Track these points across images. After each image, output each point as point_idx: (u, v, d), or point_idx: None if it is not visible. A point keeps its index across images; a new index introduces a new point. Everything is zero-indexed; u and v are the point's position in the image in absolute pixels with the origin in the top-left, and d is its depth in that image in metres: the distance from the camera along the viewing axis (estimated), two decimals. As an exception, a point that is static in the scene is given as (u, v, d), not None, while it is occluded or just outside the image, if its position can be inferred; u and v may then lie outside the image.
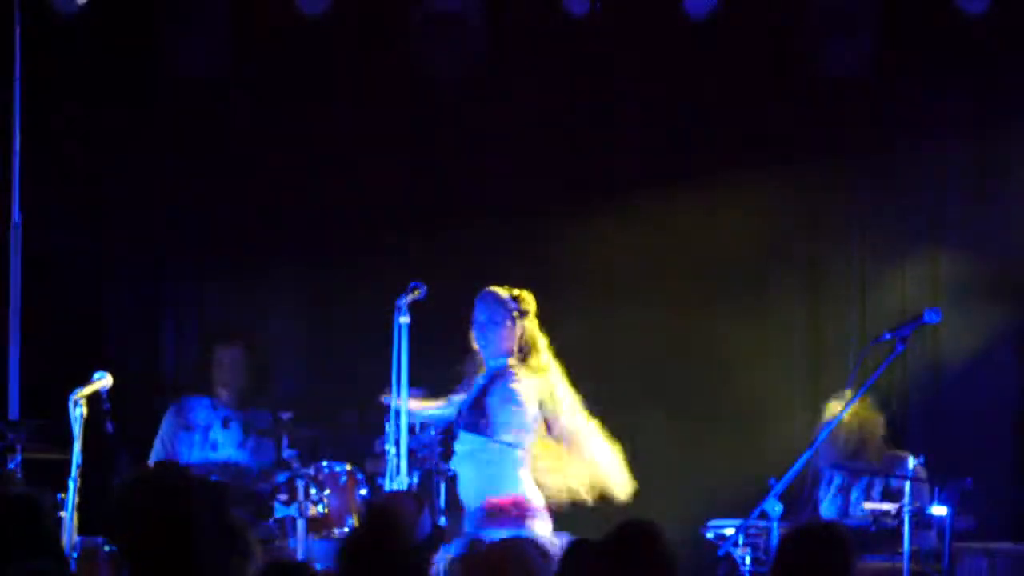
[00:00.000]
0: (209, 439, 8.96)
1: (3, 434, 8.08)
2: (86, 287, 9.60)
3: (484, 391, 7.81)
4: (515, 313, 7.82)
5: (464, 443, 7.81)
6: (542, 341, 7.88)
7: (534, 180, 9.56)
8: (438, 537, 5.33)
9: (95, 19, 9.30)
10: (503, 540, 4.80)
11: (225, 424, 8.99)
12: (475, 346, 7.91)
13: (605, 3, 9.25)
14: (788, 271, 9.61)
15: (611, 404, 8.12)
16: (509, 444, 7.71)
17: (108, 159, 9.54)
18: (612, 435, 9.07)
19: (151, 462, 8.86)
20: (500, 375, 7.81)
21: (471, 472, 7.76)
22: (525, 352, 7.84)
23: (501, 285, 7.94)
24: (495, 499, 7.61)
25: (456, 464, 7.82)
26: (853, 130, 9.56)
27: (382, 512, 4.47)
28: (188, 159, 9.63)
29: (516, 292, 7.87)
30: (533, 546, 4.52)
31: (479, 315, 7.86)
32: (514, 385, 7.76)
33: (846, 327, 9.54)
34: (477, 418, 7.77)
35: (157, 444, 9.00)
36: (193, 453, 8.92)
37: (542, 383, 7.81)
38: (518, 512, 7.60)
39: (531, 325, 7.86)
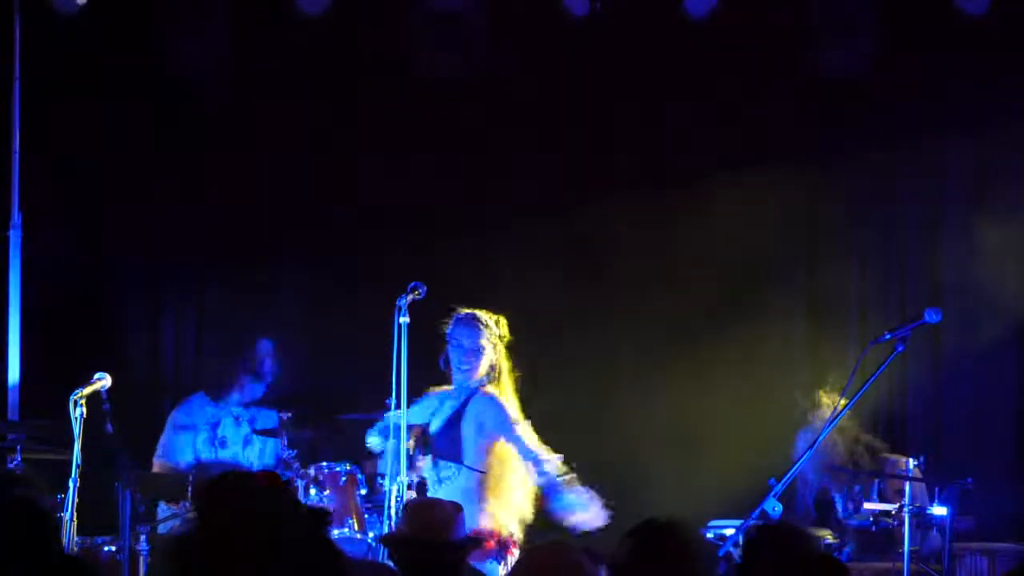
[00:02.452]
0: (218, 436, 8.96)
1: (3, 434, 8.08)
2: (86, 287, 9.59)
3: (459, 416, 7.80)
4: (495, 339, 7.82)
5: (442, 470, 7.76)
6: (506, 367, 7.89)
7: (534, 180, 9.56)
8: (474, 542, 5.49)
9: (95, 19, 9.30)
10: (550, 543, 4.82)
11: (236, 421, 9.00)
12: (457, 368, 7.86)
13: (605, 3, 9.25)
14: (788, 271, 9.61)
15: (611, 404, 8.13)
16: (479, 471, 7.73)
17: (108, 159, 9.54)
18: (612, 435, 9.10)
19: (156, 460, 8.88)
20: (476, 400, 7.81)
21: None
22: (492, 378, 7.84)
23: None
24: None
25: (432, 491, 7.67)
26: (853, 130, 9.56)
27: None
28: (188, 159, 9.62)
29: (496, 317, 7.87)
30: (580, 551, 4.55)
31: (463, 339, 7.81)
32: (491, 410, 7.76)
33: (846, 327, 9.54)
34: (451, 444, 7.75)
35: (165, 440, 8.97)
36: (202, 451, 8.92)
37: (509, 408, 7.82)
38: (498, 546, 7.62)
39: (503, 351, 7.87)
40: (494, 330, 7.83)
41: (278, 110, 9.60)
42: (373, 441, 7.97)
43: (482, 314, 7.86)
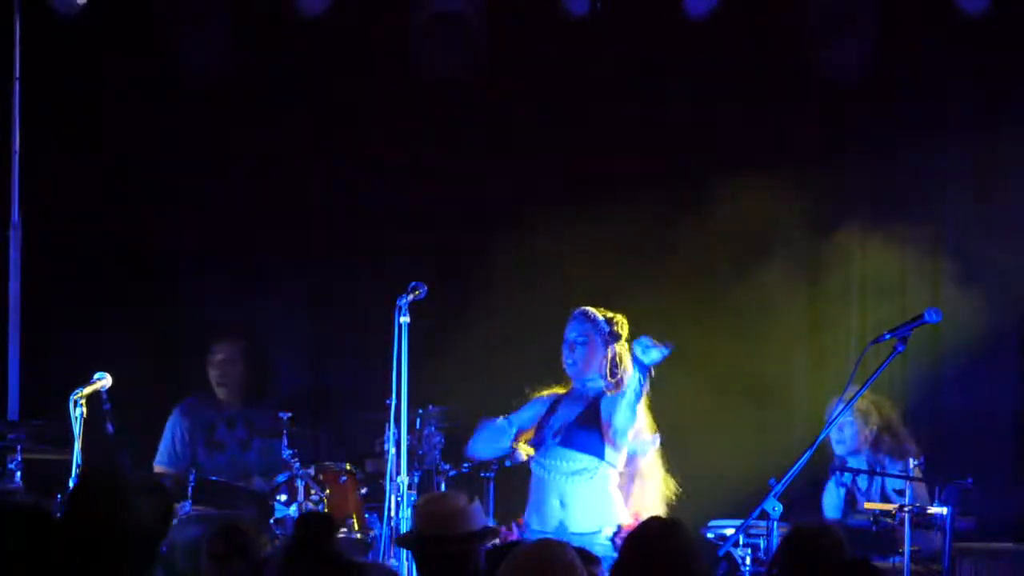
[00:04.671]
0: (214, 439, 8.94)
1: (3, 434, 8.09)
2: (86, 287, 9.59)
3: (594, 408, 7.78)
4: (606, 335, 7.81)
5: (573, 461, 7.77)
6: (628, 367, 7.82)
7: (534, 180, 9.56)
8: (491, 533, 5.51)
9: (95, 19, 9.30)
10: (542, 542, 4.82)
11: (230, 425, 8.97)
12: (564, 364, 7.91)
13: (605, 3, 9.25)
14: (788, 271, 9.60)
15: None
16: (613, 465, 7.77)
17: (108, 159, 9.53)
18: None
19: (156, 464, 8.86)
20: (598, 398, 7.82)
21: (580, 493, 7.73)
22: (617, 377, 7.80)
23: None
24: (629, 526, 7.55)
25: (552, 483, 7.76)
26: (853, 130, 9.56)
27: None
28: (188, 159, 9.62)
29: (611, 315, 7.86)
30: (572, 550, 4.56)
31: (569, 334, 7.85)
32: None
33: (846, 327, 9.54)
34: (589, 436, 7.76)
35: (166, 445, 8.96)
36: (198, 453, 8.91)
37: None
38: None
39: (622, 349, 7.84)
40: (603, 326, 7.82)
41: (278, 110, 9.60)
42: (480, 449, 7.92)
43: (592, 310, 7.88)
